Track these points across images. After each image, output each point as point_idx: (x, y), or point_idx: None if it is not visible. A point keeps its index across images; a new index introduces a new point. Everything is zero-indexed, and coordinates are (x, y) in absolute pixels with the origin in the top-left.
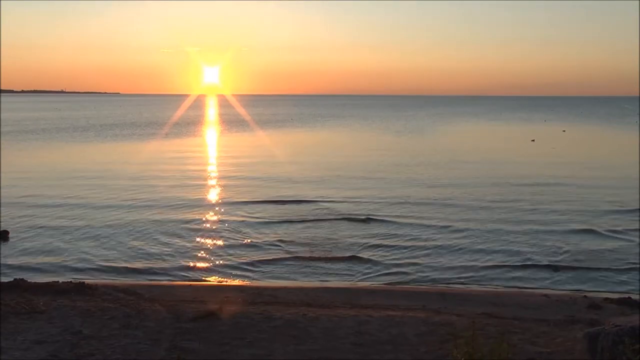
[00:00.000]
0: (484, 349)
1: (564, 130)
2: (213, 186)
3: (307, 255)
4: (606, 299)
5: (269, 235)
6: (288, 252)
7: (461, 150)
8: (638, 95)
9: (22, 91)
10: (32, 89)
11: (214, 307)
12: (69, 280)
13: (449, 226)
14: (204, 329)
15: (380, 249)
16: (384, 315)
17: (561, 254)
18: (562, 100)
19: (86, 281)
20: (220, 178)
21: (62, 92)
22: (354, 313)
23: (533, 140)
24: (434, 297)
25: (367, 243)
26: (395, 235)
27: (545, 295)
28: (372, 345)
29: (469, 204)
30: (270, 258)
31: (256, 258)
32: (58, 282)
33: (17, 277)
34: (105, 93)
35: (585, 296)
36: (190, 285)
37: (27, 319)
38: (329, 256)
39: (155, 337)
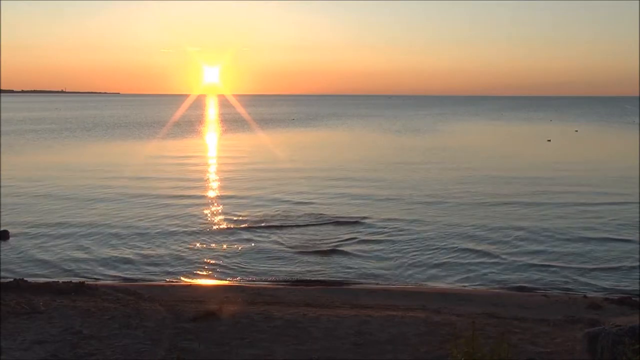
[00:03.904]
0: (484, 349)
1: (576, 130)
2: (214, 187)
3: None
4: (606, 299)
5: (269, 237)
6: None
7: (474, 153)
8: (638, 95)
9: (22, 91)
10: (32, 89)
11: (214, 307)
12: (69, 280)
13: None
14: (204, 329)
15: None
16: (384, 315)
17: (561, 254)
18: (561, 100)
19: (86, 281)
20: (221, 178)
21: (62, 92)
22: (354, 313)
23: (549, 140)
24: (434, 297)
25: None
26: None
27: (545, 295)
28: (372, 345)
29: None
30: (271, 259)
31: (256, 259)
32: (58, 282)
33: (17, 277)
34: (105, 93)
35: (585, 296)
36: (190, 285)
37: (27, 319)
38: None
39: (155, 337)
